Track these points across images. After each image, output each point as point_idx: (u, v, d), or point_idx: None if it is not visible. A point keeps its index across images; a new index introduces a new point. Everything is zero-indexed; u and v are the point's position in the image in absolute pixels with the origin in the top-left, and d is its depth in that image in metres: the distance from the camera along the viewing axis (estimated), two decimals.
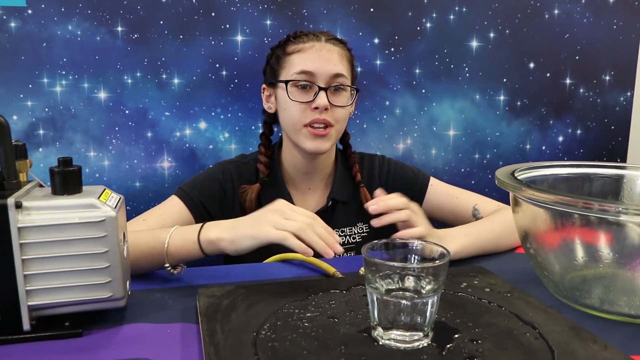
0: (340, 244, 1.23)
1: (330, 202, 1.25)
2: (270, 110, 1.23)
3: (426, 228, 0.97)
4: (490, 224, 1.11)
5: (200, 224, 0.93)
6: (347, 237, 1.27)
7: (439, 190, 1.29)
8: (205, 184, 1.20)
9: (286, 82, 1.15)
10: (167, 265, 0.92)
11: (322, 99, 1.13)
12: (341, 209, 1.27)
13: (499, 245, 1.09)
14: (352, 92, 1.20)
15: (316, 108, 1.13)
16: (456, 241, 1.01)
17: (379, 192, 1.00)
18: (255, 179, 1.23)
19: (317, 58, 1.15)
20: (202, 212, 1.17)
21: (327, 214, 1.25)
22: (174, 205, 1.16)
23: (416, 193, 1.28)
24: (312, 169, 1.25)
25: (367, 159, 1.33)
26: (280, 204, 0.91)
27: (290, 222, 0.87)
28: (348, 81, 1.18)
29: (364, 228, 1.28)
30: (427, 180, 1.30)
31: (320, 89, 1.13)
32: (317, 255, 0.97)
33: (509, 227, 1.08)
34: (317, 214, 1.21)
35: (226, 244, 0.89)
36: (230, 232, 0.89)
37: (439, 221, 1.28)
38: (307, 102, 1.14)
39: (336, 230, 1.24)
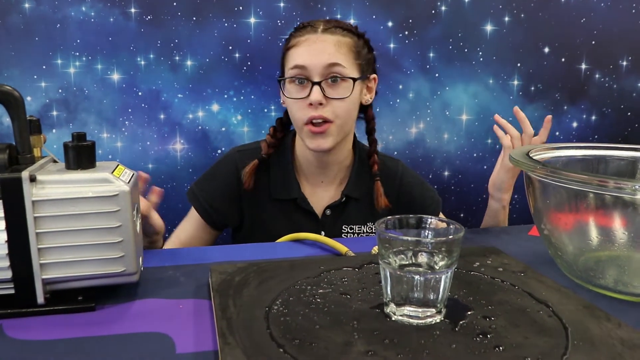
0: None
1: (344, 198, 1.23)
2: (284, 104, 1.20)
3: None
4: None
5: None
6: (356, 234, 1.25)
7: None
8: (209, 183, 1.26)
9: (282, 80, 1.13)
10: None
11: (314, 94, 1.08)
12: (354, 205, 1.24)
13: None
14: (356, 81, 1.13)
15: (311, 104, 1.09)
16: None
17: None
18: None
19: (309, 51, 1.10)
20: (209, 213, 1.24)
21: (339, 209, 1.23)
22: (192, 213, 1.26)
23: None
24: (324, 164, 1.22)
25: (389, 161, 1.30)
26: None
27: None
28: (347, 70, 1.11)
29: (373, 228, 1.27)
30: (440, 206, 1.33)
31: (314, 83, 1.09)
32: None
33: None
34: (329, 207, 1.22)
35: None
36: None
37: None
38: (302, 99, 1.10)
39: (346, 227, 1.24)
